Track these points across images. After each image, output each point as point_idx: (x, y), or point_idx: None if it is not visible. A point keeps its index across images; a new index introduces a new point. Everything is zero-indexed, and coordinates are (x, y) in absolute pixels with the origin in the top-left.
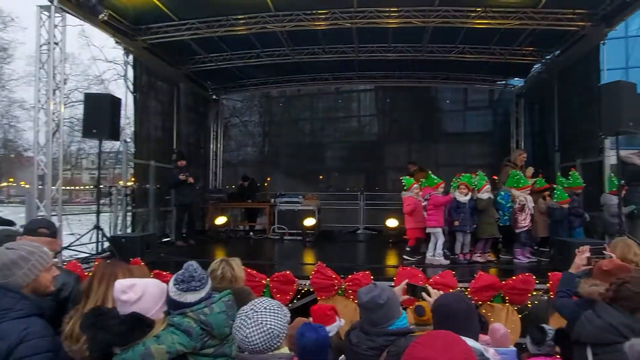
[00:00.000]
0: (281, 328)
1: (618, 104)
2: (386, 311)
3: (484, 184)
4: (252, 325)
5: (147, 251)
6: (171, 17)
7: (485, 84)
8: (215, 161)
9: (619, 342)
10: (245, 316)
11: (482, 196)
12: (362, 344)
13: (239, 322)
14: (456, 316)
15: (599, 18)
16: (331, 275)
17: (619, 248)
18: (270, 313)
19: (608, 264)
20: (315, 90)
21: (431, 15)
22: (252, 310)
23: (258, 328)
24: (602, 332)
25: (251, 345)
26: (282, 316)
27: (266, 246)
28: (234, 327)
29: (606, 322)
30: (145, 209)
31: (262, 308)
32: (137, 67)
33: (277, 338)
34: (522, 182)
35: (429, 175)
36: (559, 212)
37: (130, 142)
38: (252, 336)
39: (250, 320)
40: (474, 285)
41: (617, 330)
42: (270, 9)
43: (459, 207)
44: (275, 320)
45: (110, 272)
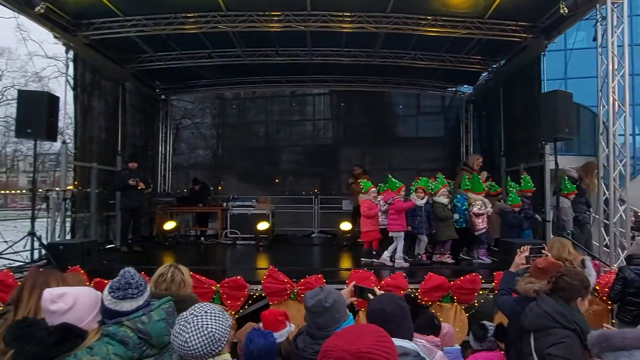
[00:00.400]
0: (223, 332)
1: (556, 111)
2: (333, 314)
3: (440, 187)
4: (192, 330)
5: (87, 258)
6: (115, 13)
7: (436, 90)
8: (164, 164)
9: (552, 327)
10: (185, 321)
11: (440, 200)
12: (308, 348)
13: (177, 327)
14: (389, 319)
15: (539, 31)
16: (283, 280)
17: (554, 248)
18: (211, 317)
19: (543, 262)
20: (270, 92)
21: (383, 22)
22: (191, 314)
23: (198, 332)
24: (539, 318)
25: (191, 351)
26: (224, 320)
27: (218, 251)
28: (172, 334)
29: (543, 310)
30: (87, 214)
31: (202, 312)
32: (78, 64)
33: (219, 342)
34: (478, 188)
35: (390, 179)
36: (512, 215)
37: (70, 143)
38: (191, 340)
39: (190, 324)
40: (424, 286)
41: (551, 317)
42: (222, 9)
43: (415, 211)
44: (216, 323)
45: (42, 281)
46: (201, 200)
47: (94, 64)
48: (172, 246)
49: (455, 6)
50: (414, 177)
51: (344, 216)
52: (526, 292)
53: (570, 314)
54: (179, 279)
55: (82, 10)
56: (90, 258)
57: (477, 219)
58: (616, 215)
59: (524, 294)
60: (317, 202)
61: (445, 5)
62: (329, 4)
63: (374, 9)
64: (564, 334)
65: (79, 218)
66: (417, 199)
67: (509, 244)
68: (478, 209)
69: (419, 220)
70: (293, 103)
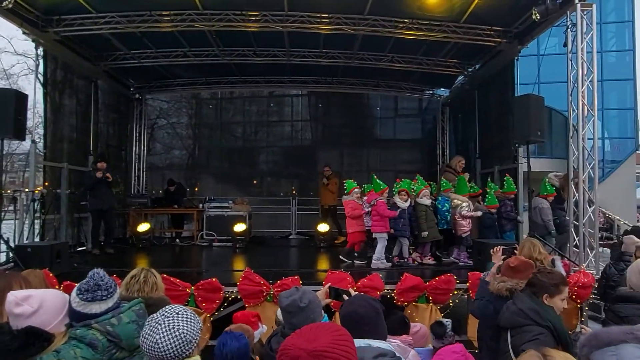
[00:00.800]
0: (194, 334)
1: (528, 115)
2: (307, 314)
3: (422, 188)
4: (163, 331)
5: (57, 261)
6: (87, 9)
7: (414, 92)
8: (139, 164)
9: (526, 325)
10: (155, 322)
11: (423, 201)
12: None
13: (147, 329)
14: (363, 320)
15: (513, 36)
16: (259, 281)
17: (525, 247)
18: (183, 318)
19: (514, 261)
20: (248, 93)
21: (361, 24)
22: (162, 316)
23: (170, 333)
24: (514, 316)
25: (161, 352)
26: (195, 322)
27: (193, 253)
28: (142, 335)
29: (518, 308)
30: (57, 216)
31: (173, 313)
32: (49, 61)
33: (190, 344)
34: (463, 189)
35: (374, 180)
36: (488, 216)
37: (40, 142)
38: (162, 342)
39: (161, 325)
40: (400, 287)
41: (525, 315)
42: (198, 7)
43: (399, 213)
44: (188, 325)
45: (4, 285)
46: (176, 202)
47: (65, 61)
48: (146, 248)
49: (432, 10)
50: (392, 178)
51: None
52: (499, 291)
53: (544, 312)
54: (151, 281)
55: (52, 6)
56: (60, 261)
57: (464, 221)
58: (585, 217)
59: (496, 293)
60: (295, 204)
61: (422, 8)
62: (307, 5)
63: (352, 11)
64: (538, 331)
65: (49, 220)
66: (400, 202)
67: (482, 244)
68: (467, 211)
69: (402, 223)
70: (271, 104)
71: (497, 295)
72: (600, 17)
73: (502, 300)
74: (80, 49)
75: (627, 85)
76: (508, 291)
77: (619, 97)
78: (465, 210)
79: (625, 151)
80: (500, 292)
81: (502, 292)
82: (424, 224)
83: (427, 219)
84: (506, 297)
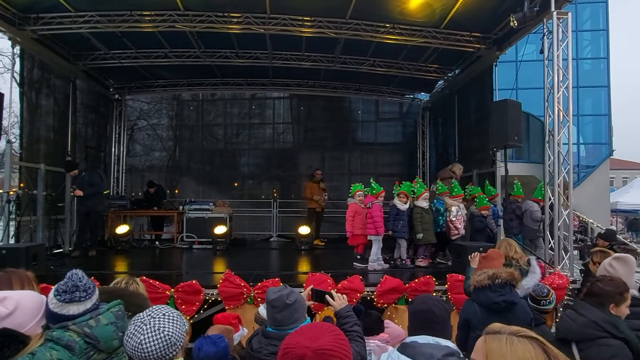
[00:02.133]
0: (179, 336)
1: (505, 120)
2: (292, 312)
3: (422, 191)
4: (148, 331)
5: (33, 264)
6: (66, 8)
7: (394, 97)
8: (118, 166)
9: (602, 337)
10: (141, 322)
11: (421, 204)
12: (263, 349)
13: (132, 328)
14: (437, 319)
15: (492, 42)
16: (240, 284)
17: (502, 247)
18: (169, 319)
19: (485, 252)
20: (229, 95)
21: (343, 27)
22: (148, 316)
23: (155, 334)
24: (586, 328)
25: (145, 353)
26: (181, 324)
27: (173, 256)
28: (126, 335)
29: (589, 319)
30: (33, 218)
31: (159, 314)
32: (25, 60)
33: (174, 346)
34: (456, 191)
35: (371, 183)
36: (478, 219)
37: (16, 142)
38: (146, 342)
39: (147, 326)
40: (380, 288)
41: (599, 327)
42: (179, 8)
43: (398, 215)
44: (173, 327)
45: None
46: (156, 204)
47: (42, 60)
48: (125, 251)
49: (413, 15)
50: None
51: (303, 220)
52: (481, 283)
53: (618, 323)
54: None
55: (30, 4)
56: (36, 263)
57: (455, 223)
58: (560, 220)
59: (478, 285)
60: (276, 206)
61: (403, 13)
62: (289, 8)
63: (334, 15)
64: (617, 344)
65: (25, 222)
66: (400, 203)
67: (461, 247)
68: (455, 215)
69: (401, 225)
70: (253, 106)
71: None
72: (576, 25)
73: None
74: (59, 48)
75: (601, 91)
76: (490, 279)
77: (594, 103)
78: (452, 214)
79: (600, 156)
80: (482, 283)
81: (484, 283)
82: (418, 225)
83: (422, 221)
84: (488, 285)
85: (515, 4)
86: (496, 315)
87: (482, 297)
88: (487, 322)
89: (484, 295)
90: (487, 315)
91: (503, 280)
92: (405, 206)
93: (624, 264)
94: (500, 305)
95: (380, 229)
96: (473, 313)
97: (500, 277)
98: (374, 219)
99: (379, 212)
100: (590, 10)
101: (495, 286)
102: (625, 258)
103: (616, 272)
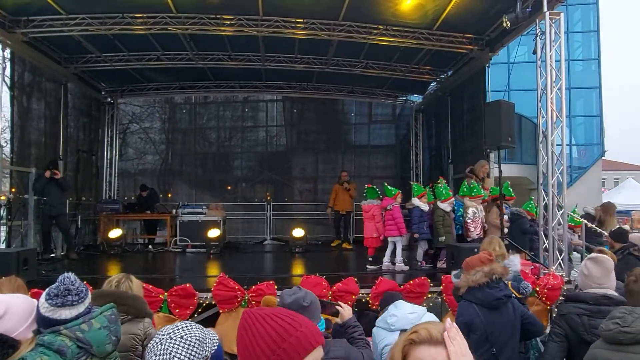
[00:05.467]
0: None
1: (499, 121)
2: (308, 315)
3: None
4: (160, 352)
5: (24, 268)
6: (57, 10)
7: (388, 99)
8: (110, 169)
9: None
10: (159, 339)
11: (443, 206)
12: None
13: (152, 343)
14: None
15: (484, 43)
16: (234, 287)
17: (485, 243)
18: (185, 344)
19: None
20: (222, 98)
21: (336, 29)
22: (168, 335)
23: (164, 357)
24: None
25: None
26: (200, 350)
27: (166, 259)
28: (148, 349)
29: None
30: (24, 222)
31: (178, 337)
32: (16, 64)
33: None
34: (475, 192)
35: (386, 187)
36: (525, 221)
37: (6, 146)
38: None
39: (162, 346)
40: (375, 290)
41: None
42: (172, 10)
43: (422, 217)
44: (187, 353)
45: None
46: (149, 207)
47: (33, 63)
48: (118, 255)
49: (405, 17)
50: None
51: (297, 223)
52: (477, 282)
53: None
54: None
55: (20, 6)
56: (27, 268)
57: (471, 225)
58: (554, 220)
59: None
60: (270, 209)
61: (395, 15)
62: (282, 10)
63: (327, 17)
64: None
65: (15, 226)
66: (422, 204)
67: (456, 248)
68: (471, 216)
69: (426, 226)
70: (246, 109)
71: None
72: (568, 26)
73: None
74: (50, 51)
75: (592, 93)
76: (487, 276)
77: (586, 104)
78: (469, 216)
79: (592, 157)
80: (479, 281)
81: (471, 284)
82: (440, 228)
83: (444, 224)
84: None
85: (507, 5)
86: (495, 312)
87: (481, 296)
88: (489, 321)
89: (482, 294)
90: (488, 313)
91: (499, 276)
92: (427, 207)
93: (598, 265)
94: (502, 300)
95: (402, 230)
96: (474, 314)
97: (496, 272)
98: (395, 220)
99: (399, 213)
100: (582, 12)
101: (493, 282)
102: (599, 258)
103: (590, 273)
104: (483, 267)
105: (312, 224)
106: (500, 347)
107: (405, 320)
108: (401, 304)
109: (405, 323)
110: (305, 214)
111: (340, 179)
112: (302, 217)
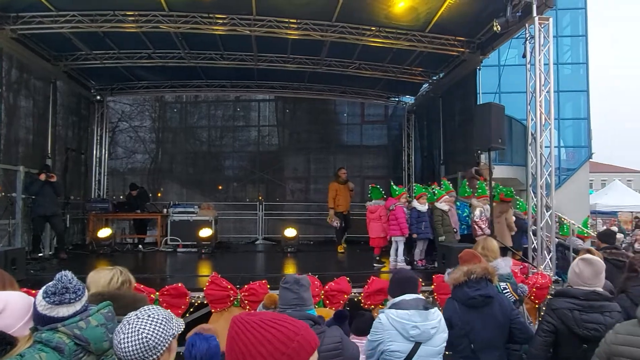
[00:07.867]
0: (159, 340)
1: (489, 122)
2: (304, 294)
3: (444, 194)
4: (128, 331)
5: (12, 268)
6: (47, 7)
7: (380, 99)
8: (99, 168)
9: None
10: (127, 320)
11: (441, 206)
12: None
13: (120, 325)
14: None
15: (476, 46)
16: (226, 286)
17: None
18: (152, 322)
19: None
20: (214, 97)
21: (329, 30)
22: (135, 315)
23: (133, 335)
24: None
25: (124, 352)
26: (166, 328)
27: (157, 259)
28: (115, 331)
29: None
30: (12, 221)
31: (145, 315)
32: (4, 60)
33: (153, 350)
34: (481, 192)
35: (392, 187)
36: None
37: None
38: (124, 342)
39: (129, 325)
40: (367, 290)
41: None
42: (164, 8)
43: (420, 217)
44: (155, 330)
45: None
46: (139, 207)
47: (22, 60)
48: (107, 254)
49: (398, 19)
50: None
51: (289, 222)
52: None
53: None
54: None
55: (9, 3)
56: (15, 268)
57: (477, 226)
58: (543, 221)
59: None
60: (262, 209)
61: (388, 17)
62: (275, 10)
63: (320, 17)
64: None
65: (3, 225)
66: (419, 205)
67: (447, 248)
68: (478, 216)
69: (424, 226)
70: (237, 108)
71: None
72: (557, 30)
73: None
74: (39, 48)
75: (581, 96)
76: (465, 275)
77: (574, 107)
78: (476, 215)
79: (580, 159)
80: (458, 281)
81: (461, 280)
82: (440, 228)
83: (443, 223)
84: (464, 281)
85: (498, 9)
86: (474, 310)
87: (460, 294)
88: (467, 319)
89: (461, 292)
90: (467, 311)
91: (478, 276)
92: (425, 207)
93: (590, 266)
94: (477, 300)
95: (405, 230)
96: (453, 310)
97: (475, 272)
98: (398, 220)
99: (403, 214)
100: (570, 17)
101: (471, 281)
102: (592, 260)
103: (582, 273)
104: (464, 266)
105: (304, 223)
106: (481, 346)
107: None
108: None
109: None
110: (297, 214)
111: (340, 177)
112: (294, 217)
